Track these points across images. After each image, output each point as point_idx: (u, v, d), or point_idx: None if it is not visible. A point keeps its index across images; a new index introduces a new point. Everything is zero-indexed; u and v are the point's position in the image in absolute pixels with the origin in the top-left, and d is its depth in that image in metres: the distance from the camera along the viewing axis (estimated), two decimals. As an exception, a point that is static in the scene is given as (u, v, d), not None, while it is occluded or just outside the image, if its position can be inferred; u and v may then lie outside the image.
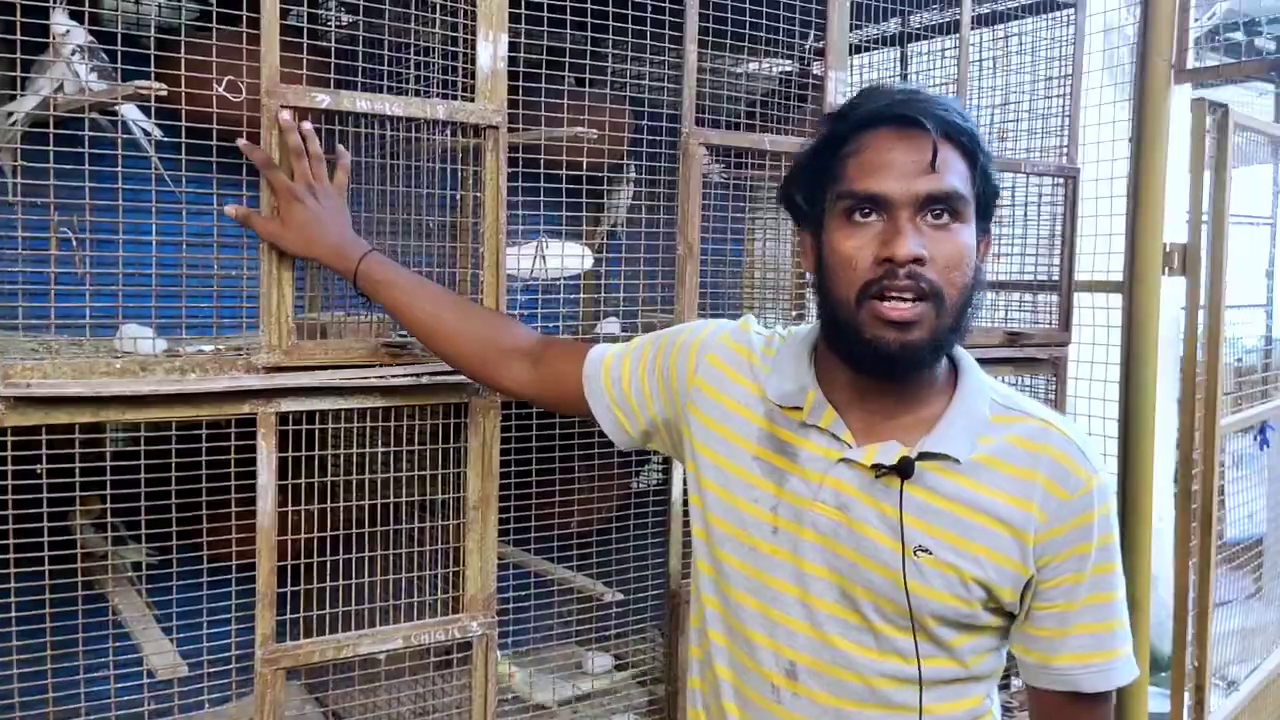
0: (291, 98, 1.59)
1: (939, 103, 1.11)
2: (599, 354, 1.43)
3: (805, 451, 1.19)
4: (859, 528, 1.15)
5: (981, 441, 1.15)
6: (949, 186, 1.09)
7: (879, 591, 1.14)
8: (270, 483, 1.63)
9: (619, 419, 1.40)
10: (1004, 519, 1.13)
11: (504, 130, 1.77)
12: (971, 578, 1.13)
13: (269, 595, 1.64)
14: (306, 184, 1.54)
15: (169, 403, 1.55)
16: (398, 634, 1.76)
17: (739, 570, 1.23)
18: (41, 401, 1.47)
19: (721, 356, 1.31)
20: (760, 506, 1.21)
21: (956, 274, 1.09)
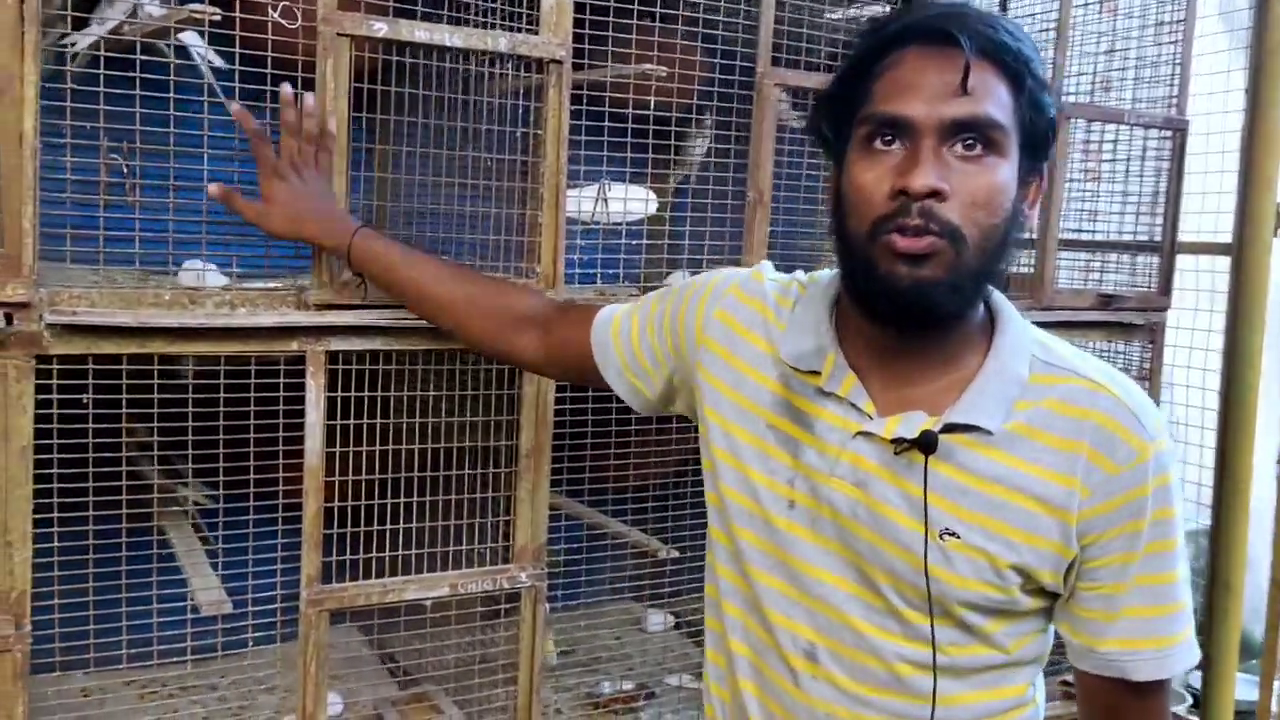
0: (348, 25, 1.54)
1: (983, 18, 0.97)
2: (607, 315, 1.33)
3: (822, 421, 1.07)
4: (878, 507, 1.03)
5: (1018, 407, 1.01)
6: (982, 112, 0.95)
7: (900, 576, 1.03)
8: (319, 422, 1.60)
9: (633, 383, 1.29)
10: (1042, 497, 0.99)
11: (568, 65, 1.70)
12: (1006, 564, 1.00)
13: (315, 536, 1.61)
14: (290, 162, 1.46)
15: (216, 337, 1.52)
16: (444, 581, 1.72)
17: (755, 545, 1.12)
18: (88, 330, 1.45)
19: (731, 311, 1.18)
20: (776, 479, 1.09)
21: (981, 213, 0.96)
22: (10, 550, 1.43)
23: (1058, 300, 2.28)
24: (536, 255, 1.73)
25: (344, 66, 1.53)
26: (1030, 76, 0.97)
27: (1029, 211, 1.03)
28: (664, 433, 2.22)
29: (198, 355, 1.54)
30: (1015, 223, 1.00)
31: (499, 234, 1.77)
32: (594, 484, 2.20)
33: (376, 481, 1.70)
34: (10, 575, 1.43)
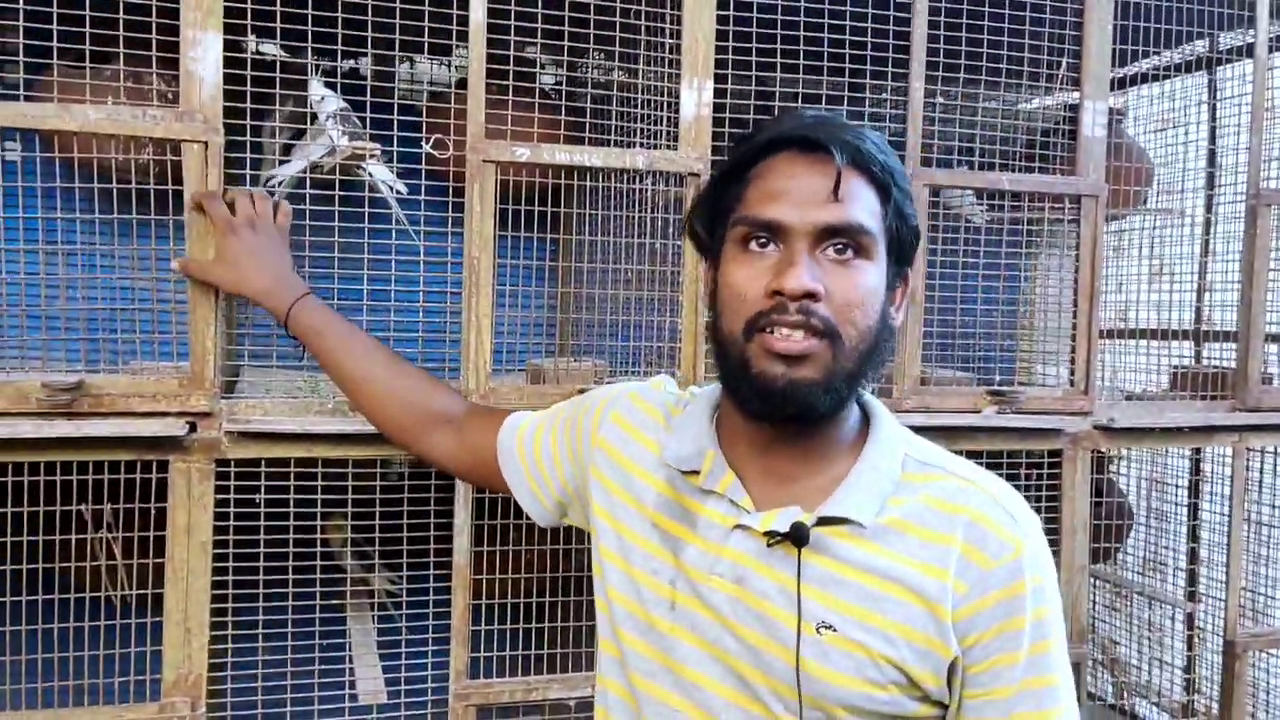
0: (494, 152, 1.66)
1: (852, 129, 1.00)
2: (515, 420, 1.34)
3: (703, 518, 1.07)
4: (756, 603, 1.01)
5: (892, 503, 1.01)
6: (852, 219, 0.97)
7: (778, 676, 1.00)
8: (467, 521, 1.69)
9: (533, 489, 1.29)
10: (917, 589, 0.98)
11: (705, 178, 1.75)
12: (883, 657, 0.97)
13: (463, 632, 1.69)
14: (247, 218, 1.50)
15: (372, 442, 1.64)
16: (588, 682, 1.75)
17: (640, 653, 1.08)
18: (261, 436, 1.60)
19: (625, 415, 1.19)
20: (659, 579, 1.08)
21: (857, 313, 0.98)
22: (189, 636, 1.58)
23: (1265, 400, 2.09)
24: (677, 360, 1.77)
25: (490, 189, 1.65)
26: (896, 186, 1.00)
27: (895, 314, 1.05)
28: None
29: (355, 459, 1.66)
30: (885, 325, 1.02)
31: (650, 341, 1.84)
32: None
33: (521, 580, 1.76)
34: (189, 660, 1.58)
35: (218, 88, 1.53)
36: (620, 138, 1.95)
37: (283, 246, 1.52)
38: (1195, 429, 2.07)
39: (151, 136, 1.52)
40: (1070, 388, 2.00)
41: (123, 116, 1.51)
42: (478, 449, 1.35)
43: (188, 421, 1.56)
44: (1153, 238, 2.52)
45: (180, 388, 1.56)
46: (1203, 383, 2.13)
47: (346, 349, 1.43)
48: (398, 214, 1.88)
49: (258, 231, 1.50)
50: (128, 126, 1.51)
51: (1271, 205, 2.09)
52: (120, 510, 1.59)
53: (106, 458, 1.54)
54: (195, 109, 1.53)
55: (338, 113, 1.86)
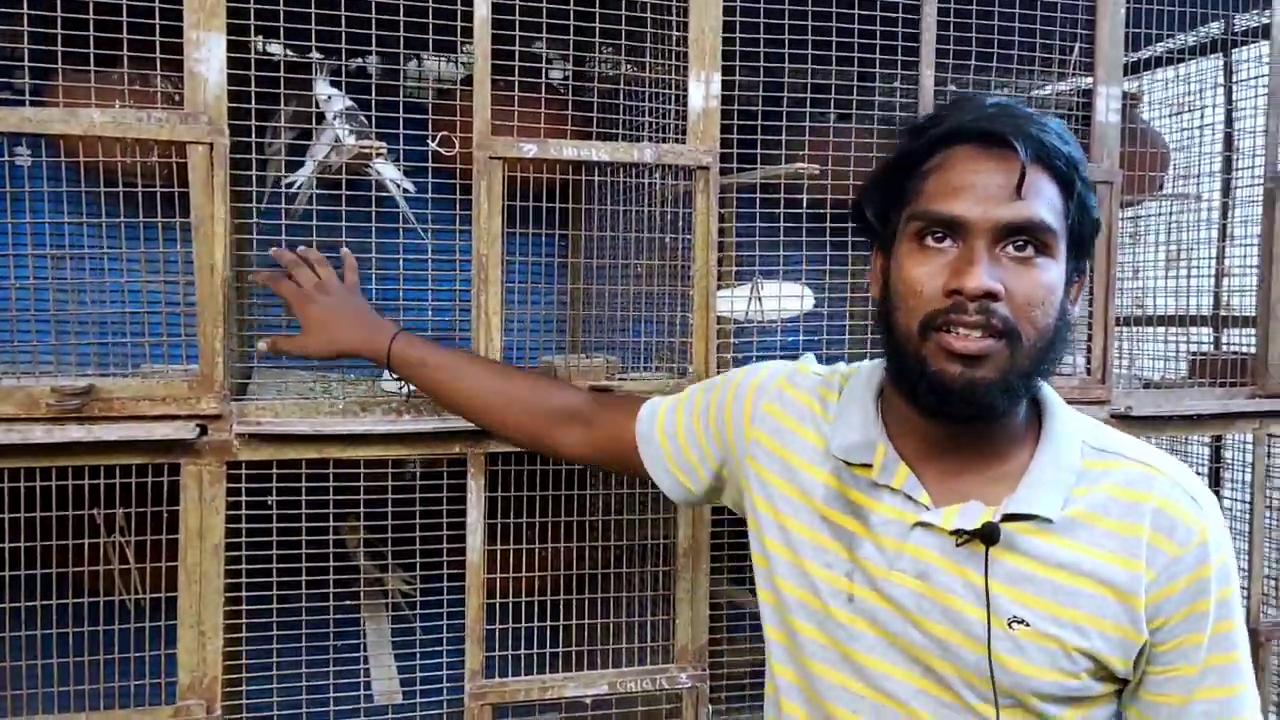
0: (500, 148, 1.65)
1: (1035, 120, 0.98)
2: (652, 408, 1.34)
3: (877, 515, 1.07)
4: (943, 598, 1.02)
5: (1076, 494, 1.01)
6: (1035, 216, 0.95)
7: (968, 667, 1.01)
8: (479, 521, 1.68)
9: (677, 477, 1.30)
10: (1108, 581, 0.98)
11: (714, 171, 1.74)
12: (1075, 649, 0.99)
13: (478, 632, 1.68)
14: (314, 284, 1.51)
15: (383, 442, 1.64)
16: (604, 680, 1.75)
17: (815, 640, 1.10)
18: (272, 438, 1.60)
19: (780, 405, 1.19)
20: (834, 571, 1.08)
21: (1037, 312, 0.96)
22: (204, 639, 1.58)
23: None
24: (690, 355, 1.76)
25: (497, 186, 1.64)
26: (1079, 180, 0.98)
27: (1073, 308, 1.03)
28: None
29: (367, 459, 1.65)
30: (1064, 321, 1.00)
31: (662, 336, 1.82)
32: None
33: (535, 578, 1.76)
34: (203, 663, 1.58)
35: (222, 88, 1.53)
36: (628, 132, 1.94)
37: (360, 301, 1.53)
38: (1215, 416, 2.04)
39: (157, 139, 1.52)
40: (1087, 376, 1.98)
41: (128, 119, 1.50)
42: (615, 438, 1.36)
43: (198, 424, 1.56)
44: (1169, 223, 2.49)
45: (190, 390, 1.55)
46: (1222, 369, 2.10)
47: (452, 372, 1.45)
48: (405, 212, 1.87)
49: (330, 292, 1.51)
50: (133, 129, 1.50)
51: (1291, 188, 2.06)
52: (132, 514, 1.59)
53: (118, 462, 1.54)
54: (200, 110, 1.52)
55: (344, 111, 1.86)
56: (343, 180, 1.83)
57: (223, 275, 1.55)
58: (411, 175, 1.90)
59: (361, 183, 1.87)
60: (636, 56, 1.85)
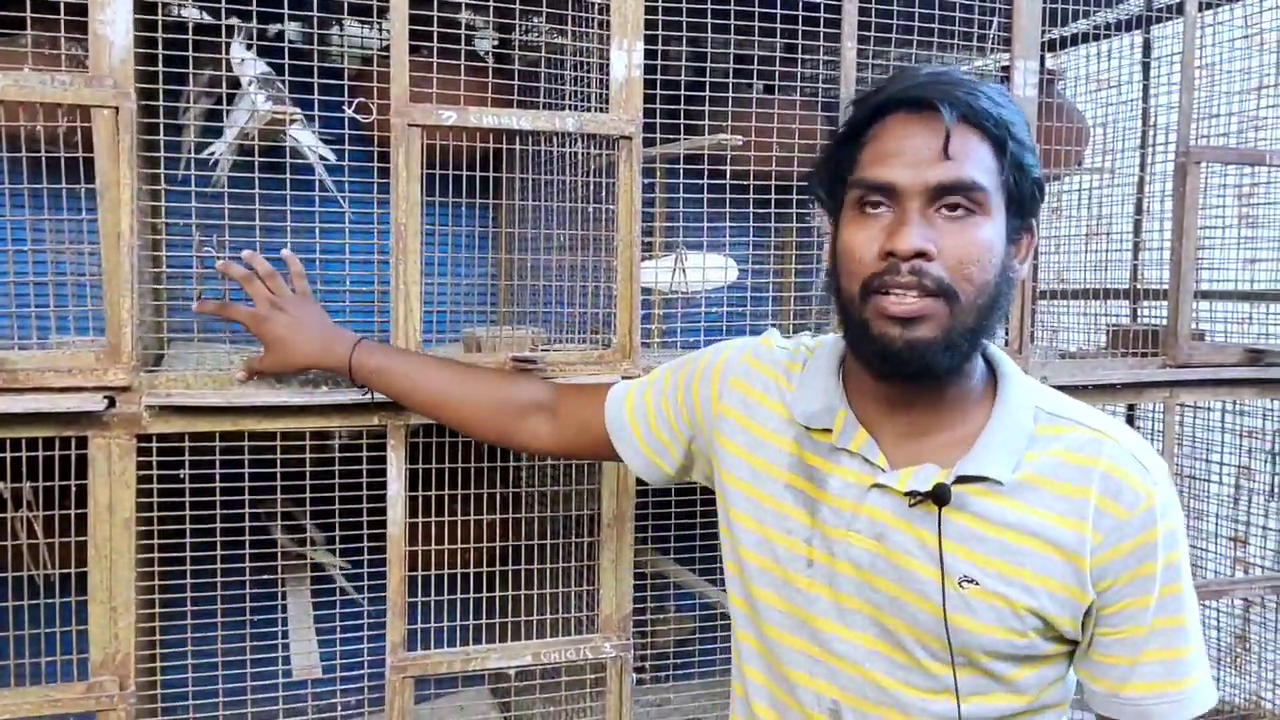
0: (419, 116, 1.62)
1: (966, 84, 1.00)
2: (620, 392, 1.36)
3: (835, 478, 1.10)
4: (898, 558, 1.05)
5: (1027, 458, 1.04)
6: (964, 175, 0.98)
7: (922, 627, 1.04)
8: (400, 493, 1.66)
9: (650, 458, 1.32)
10: (1055, 542, 1.01)
11: (637, 141, 1.73)
12: (1024, 608, 1.01)
13: (399, 605, 1.67)
14: (267, 301, 1.50)
15: (300, 413, 1.61)
16: (527, 651, 1.75)
17: (775, 606, 1.14)
18: (183, 410, 1.57)
19: (746, 379, 1.22)
20: (794, 538, 1.12)
21: (973, 269, 0.98)
22: (115, 615, 1.55)
23: (1195, 356, 2.12)
24: (614, 326, 1.76)
25: (415, 153, 1.62)
26: (1012, 139, 1.00)
27: (1019, 267, 1.06)
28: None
29: (284, 430, 1.63)
30: (1005, 279, 1.02)
31: (587, 307, 1.82)
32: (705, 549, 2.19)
33: (457, 551, 1.75)
34: (116, 639, 1.55)
35: (128, 51, 1.48)
36: (552, 101, 1.92)
37: (313, 307, 1.53)
38: (1127, 385, 2.09)
39: (61, 103, 1.47)
40: (1005, 347, 2.01)
41: (30, 83, 1.45)
42: (583, 427, 1.37)
43: (106, 396, 1.52)
44: (1089, 197, 2.54)
45: (97, 361, 1.51)
46: (1136, 340, 2.15)
47: (413, 376, 1.46)
48: (324, 179, 1.84)
49: (283, 307, 1.50)
50: (36, 93, 1.46)
51: (1200, 162, 2.11)
52: (40, 488, 1.55)
53: (23, 435, 1.50)
54: (105, 74, 1.48)
55: (259, 76, 1.81)
56: (256, 148, 1.79)
57: (130, 243, 1.51)
58: (330, 144, 1.86)
59: (279, 151, 1.84)
60: (558, 25, 1.83)
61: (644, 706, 2.28)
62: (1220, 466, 2.58)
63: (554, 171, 1.89)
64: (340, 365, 1.49)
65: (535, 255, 1.92)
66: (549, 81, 1.93)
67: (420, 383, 1.46)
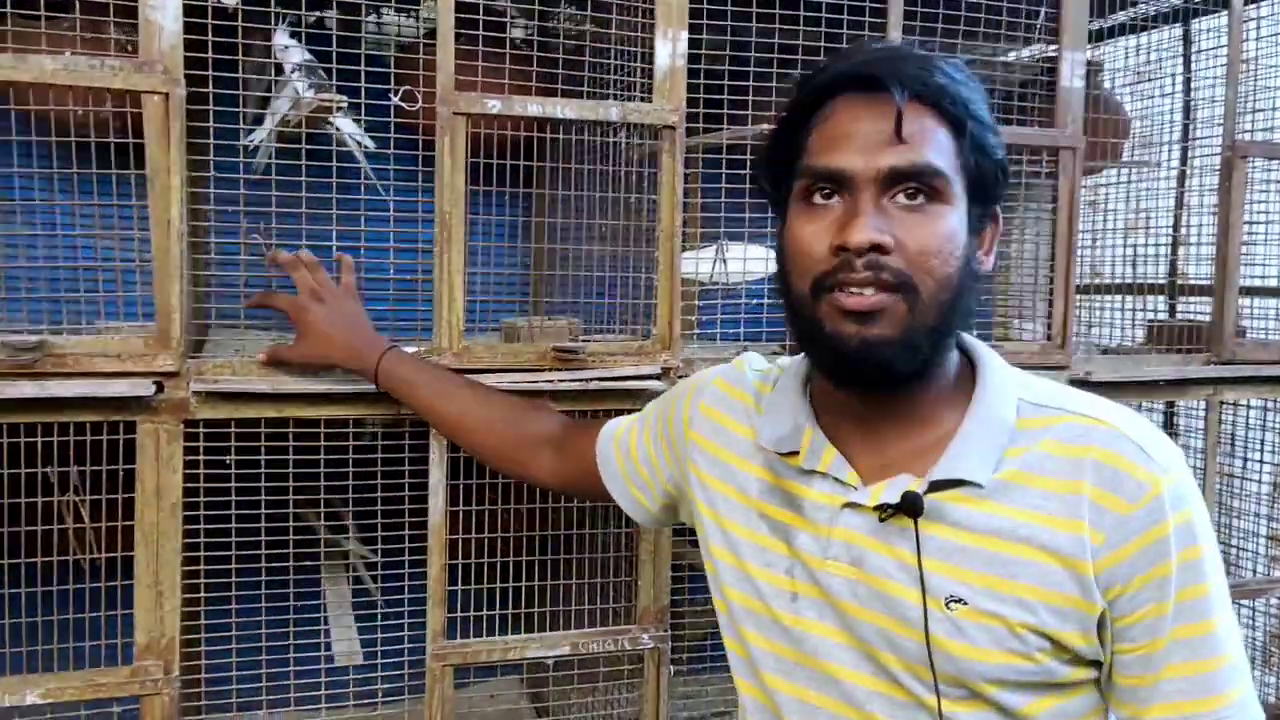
0: (464, 104, 1.62)
1: (916, 60, 0.92)
2: (611, 427, 1.32)
3: (809, 501, 1.01)
4: (878, 583, 0.95)
5: (1009, 455, 0.93)
6: (919, 160, 0.89)
7: (909, 657, 0.94)
8: (441, 481, 1.67)
9: (634, 494, 1.28)
10: (1049, 546, 0.90)
11: (681, 131, 1.72)
12: (1023, 625, 0.90)
13: (439, 593, 1.67)
14: (310, 291, 1.52)
15: (345, 401, 1.62)
16: (566, 641, 1.75)
17: (765, 649, 1.05)
18: (230, 396, 1.57)
19: (715, 404, 1.15)
20: (775, 571, 1.03)
21: (934, 262, 0.90)
22: (161, 600, 1.56)
23: (1240, 353, 2.10)
24: (654, 319, 1.75)
25: (460, 142, 1.62)
26: (971, 119, 0.92)
27: (984, 258, 0.98)
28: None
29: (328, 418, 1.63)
30: (969, 271, 0.94)
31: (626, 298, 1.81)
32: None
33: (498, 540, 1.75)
34: (160, 623, 1.56)
35: (178, 37, 1.49)
36: (594, 89, 1.91)
37: (355, 307, 1.55)
38: (1170, 382, 2.07)
39: (110, 88, 1.47)
40: (1047, 342, 2.00)
41: (80, 67, 1.46)
42: (580, 461, 1.34)
43: (154, 381, 1.52)
44: (1129, 191, 2.51)
45: (146, 347, 1.52)
46: (1177, 336, 2.13)
47: (437, 393, 1.47)
48: (366, 168, 1.84)
49: (325, 301, 1.52)
50: (85, 77, 1.46)
51: (1246, 157, 2.09)
52: (88, 473, 1.56)
53: (72, 419, 1.51)
54: (155, 59, 1.48)
55: (303, 64, 1.82)
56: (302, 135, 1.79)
57: (179, 230, 1.52)
58: (372, 132, 1.86)
59: (321, 139, 1.84)
60: (602, 13, 1.82)
61: (677, 699, 2.28)
62: (1261, 465, 2.56)
63: (594, 161, 1.88)
64: (367, 369, 1.49)
65: (575, 245, 1.92)
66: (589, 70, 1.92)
67: (442, 403, 1.47)
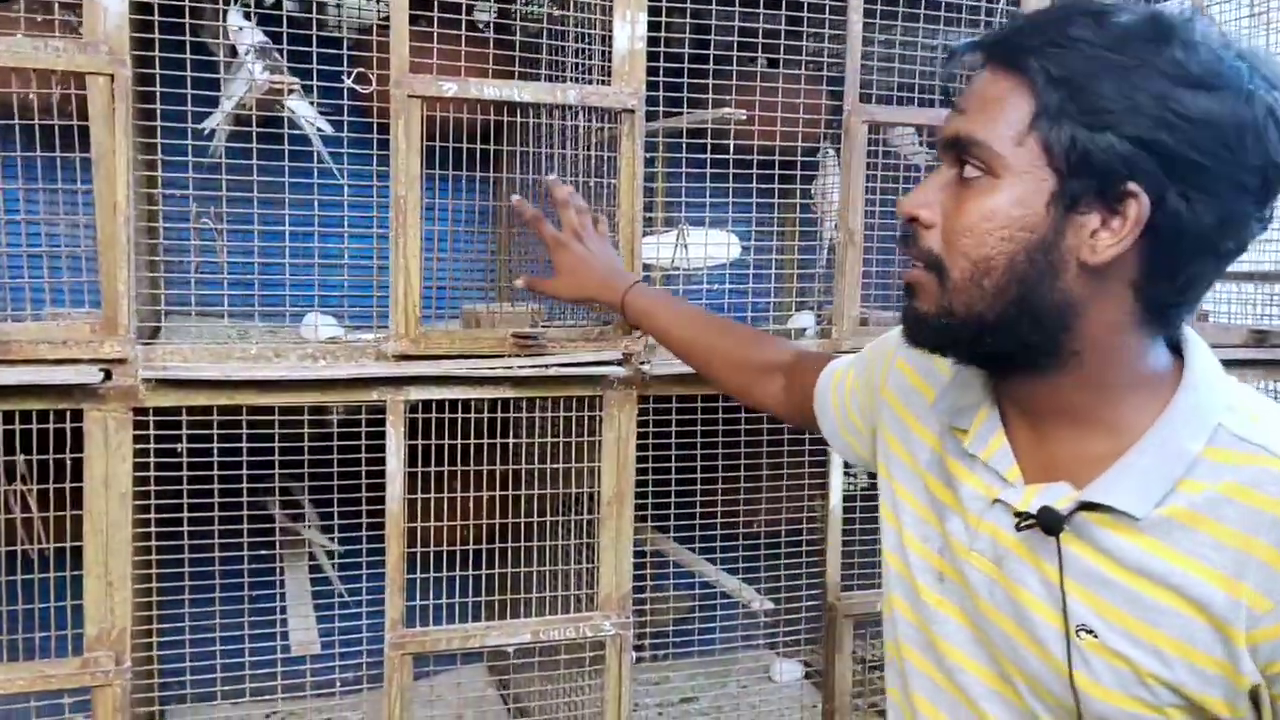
0: (419, 87, 1.60)
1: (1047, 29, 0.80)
2: (831, 370, 1.24)
3: (967, 486, 0.93)
4: (1015, 591, 0.88)
5: (1181, 488, 0.80)
6: (962, 130, 0.82)
7: (1038, 678, 0.87)
8: (399, 470, 1.65)
9: (846, 439, 1.21)
10: (1200, 600, 0.78)
11: (640, 114, 1.70)
12: (1153, 676, 0.80)
13: (398, 581, 1.66)
14: (573, 231, 1.57)
15: (299, 388, 1.60)
16: (527, 628, 1.73)
17: (906, 618, 1.00)
18: (180, 384, 1.55)
19: (910, 360, 1.07)
20: (929, 546, 0.97)
21: (966, 241, 0.82)
22: (111, 590, 1.54)
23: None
24: (614, 303, 1.74)
25: (415, 126, 1.59)
26: (1062, 86, 0.78)
27: (1088, 246, 0.80)
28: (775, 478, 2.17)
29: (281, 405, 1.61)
30: (1033, 259, 0.81)
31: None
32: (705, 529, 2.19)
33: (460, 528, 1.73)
34: (111, 614, 1.54)
35: (124, 17, 1.46)
36: (553, 73, 1.89)
37: (607, 247, 1.60)
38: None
39: (54, 69, 1.44)
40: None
41: (23, 49, 1.43)
42: (802, 396, 1.29)
43: (102, 369, 1.50)
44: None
45: (93, 334, 1.49)
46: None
47: (676, 321, 1.48)
48: (320, 152, 1.82)
49: (583, 240, 1.57)
50: (29, 59, 1.43)
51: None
52: (34, 461, 1.53)
53: (17, 407, 1.48)
54: (100, 40, 1.45)
55: (256, 45, 1.79)
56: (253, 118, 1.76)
57: (126, 214, 1.49)
58: (327, 115, 1.84)
59: (275, 122, 1.81)
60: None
61: (642, 685, 2.28)
62: None
63: (554, 145, 1.86)
64: (614, 302, 1.53)
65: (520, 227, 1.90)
66: (548, 53, 1.90)
67: (677, 330, 1.48)
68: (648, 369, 1.75)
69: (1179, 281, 0.81)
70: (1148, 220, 0.78)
